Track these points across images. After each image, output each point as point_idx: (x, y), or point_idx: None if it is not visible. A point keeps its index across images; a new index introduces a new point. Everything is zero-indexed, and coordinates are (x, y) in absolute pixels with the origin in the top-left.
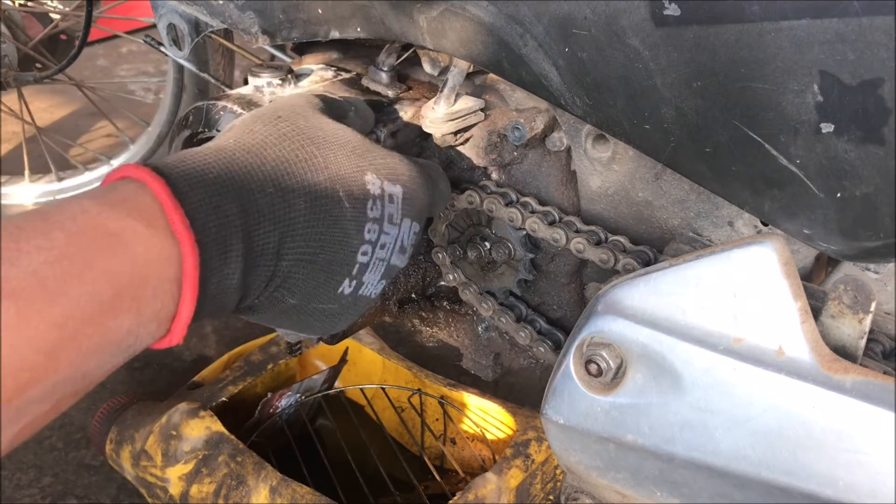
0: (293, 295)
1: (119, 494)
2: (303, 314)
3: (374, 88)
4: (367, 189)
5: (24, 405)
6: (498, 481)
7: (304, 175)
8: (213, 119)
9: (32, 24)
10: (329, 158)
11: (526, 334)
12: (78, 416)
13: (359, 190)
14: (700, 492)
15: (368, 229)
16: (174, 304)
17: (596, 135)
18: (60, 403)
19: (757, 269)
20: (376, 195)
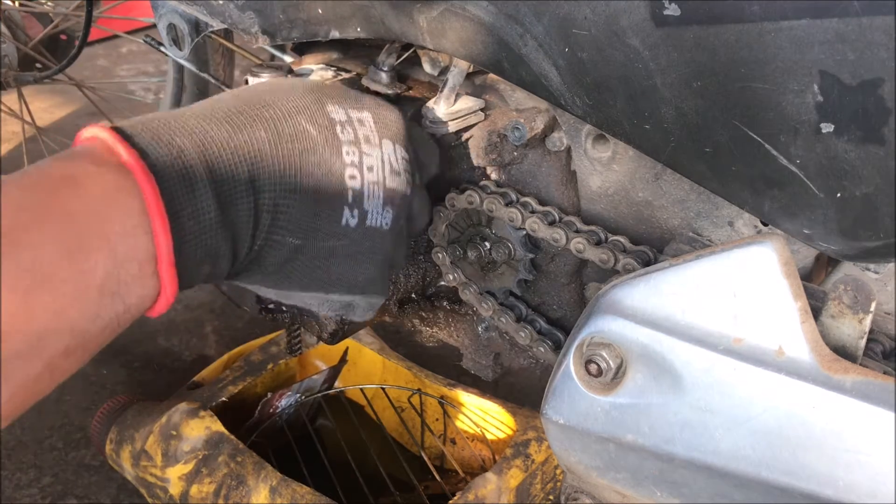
0: (292, 233)
1: (119, 494)
2: (316, 259)
3: (374, 88)
4: (330, 116)
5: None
6: (498, 481)
7: (261, 111)
8: None
9: (32, 24)
10: (287, 94)
11: (526, 334)
12: (78, 416)
13: (322, 117)
14: (700, 492)
15: (346, 151)
16: (149, 239)
17: (596, 135)
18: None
19: (757, 269)
20: (342, 120)
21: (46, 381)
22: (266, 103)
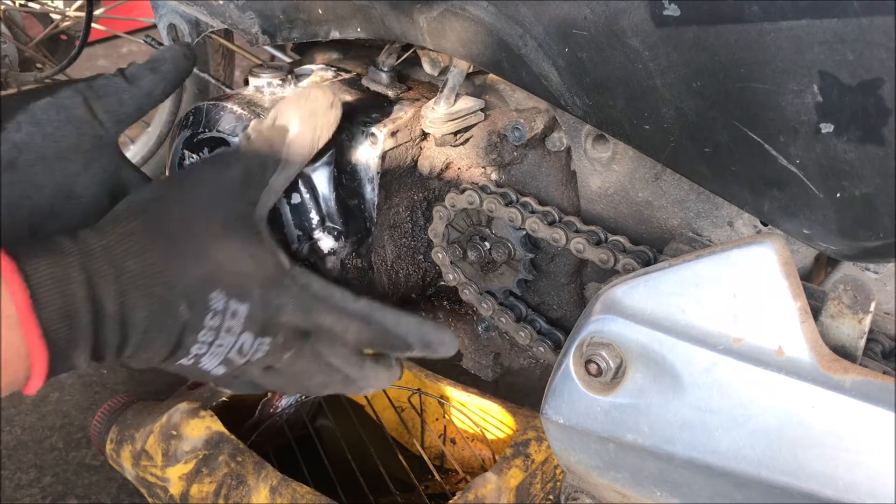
0: (137, 363)
1: (119, 494)
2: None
3: (375, 89)
4: (209, 304)
5: None
6: (498, 481)
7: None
8: (214, 119)
9: (33, 25)
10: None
11: (526, 334)
12: (78, 416)
13: (201, 304)
14: (700, 492)
15: (204, 333)
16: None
17: (596, 135)
18: None
19: (757, 269)
20: (218, 310)
21: None
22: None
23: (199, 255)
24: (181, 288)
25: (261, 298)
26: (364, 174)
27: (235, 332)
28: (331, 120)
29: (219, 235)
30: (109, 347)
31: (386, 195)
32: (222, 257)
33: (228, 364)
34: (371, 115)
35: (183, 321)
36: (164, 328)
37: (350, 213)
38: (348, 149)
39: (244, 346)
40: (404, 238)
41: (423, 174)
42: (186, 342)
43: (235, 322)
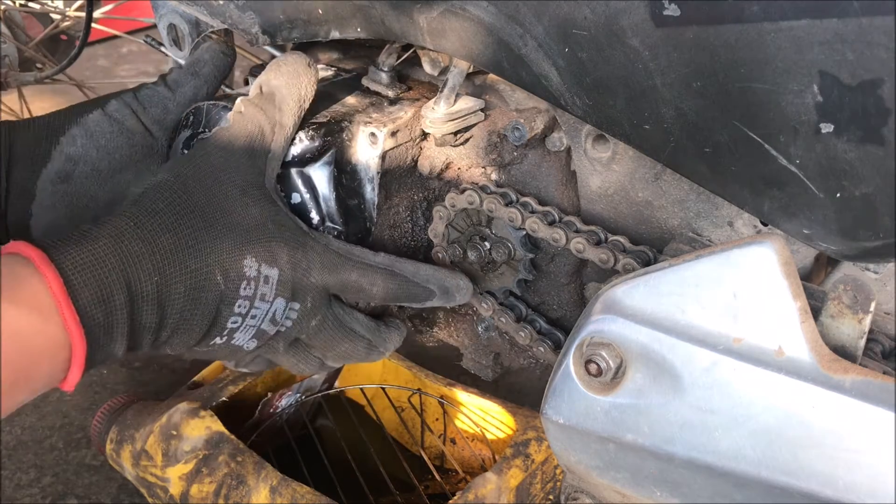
0: (172, 348)
1: (119, 494)
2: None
3: (375, 89)
4: (243, 272)
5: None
6: (498, 481)
7: (188, 261)
8: (214, 119)
9: (33, 25)
10: (214, 244)
11: (526, 334)
12: (78, 416)
13: (235, 272)
14: (700, 492)
15: (239, 304)
16: (64, 375)
17: (596, 135)
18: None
19: (756, 270)
20: (251, 277)
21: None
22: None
23: (226, 225)
24: (214, 258)
25: (289, 261)
26: (364, 174)
27: (269, 299)
28: (312, 79)
29: (240, 204)
30: (147, 330)
31: (386, 195)
32: (248, 224)
33: (261, 336)
34: (371, 114)
35: (219, 293)
36: (201, 303)
37: (350, 212)
38: (348, 149)
39: (276, 312)
40: (404, 238)
41: (423, 174)
42: (223, 316)
43: (268, 288)
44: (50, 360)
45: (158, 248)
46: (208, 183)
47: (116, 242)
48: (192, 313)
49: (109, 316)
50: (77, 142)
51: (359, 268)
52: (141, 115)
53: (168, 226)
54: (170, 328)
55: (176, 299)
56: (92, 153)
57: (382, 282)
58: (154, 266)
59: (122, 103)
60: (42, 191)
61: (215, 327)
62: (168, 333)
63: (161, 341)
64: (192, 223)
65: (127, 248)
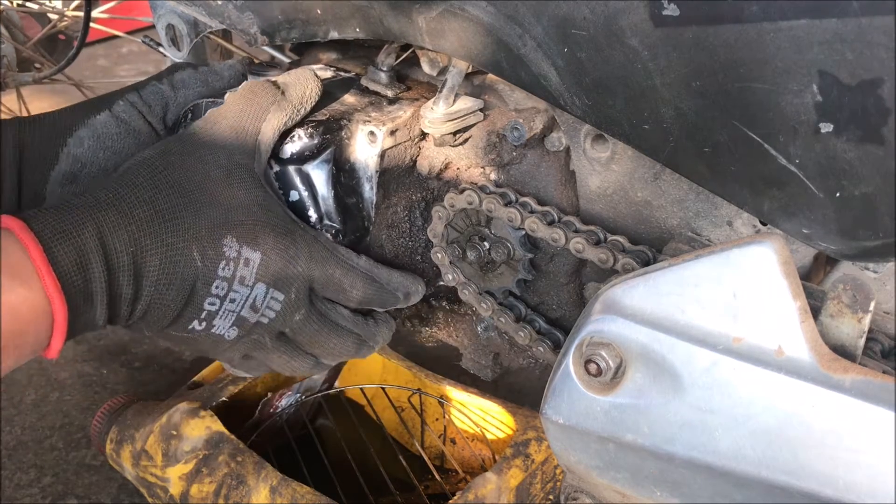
0: (149, 327)
1: (119, 494)
2: (163, 337)
3: (374, 88)
4: (222, 251)
5: None
6: (498, 481)
7: (163, 234)
8: None
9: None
10: (194, 219)
11: (525, 334)
12: (78, 416)
13: (214, 251)
14: (700, 491)
15: (216, 285)
16: (48, 341)
17: (595, 135)
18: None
19: (756, 269)
20: (230, 257)
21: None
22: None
23: (207, 202)
24: (192, 234)
25: (274, 246)
26: (362, 173)
27: (248, 283)
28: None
29: (224, 183)
30: (124, 300)
31: (384, 194)
32: (231, 204)
33: (241, 324)
34: (370, 113)
35: (195, 270)
36: (175, 278)
37: (348, 211)
38: (347, 147)
39: (257, 299)
40: (402, 238)
41: (421, 174)
42: (199, 295)
43: (248, 271)
44: (34, 327)
45: (134, 219)
46: (191, 161)
47: (93, 212)
48: (167, 287)
49: (88, 283)
50: (84, 144)
51: (343, 266)
52: (147, 115)
53: (146, 199)
54: (145, 301)
55: (151, 271)
56: (99, 155)
57: (362, 285)
58: (129, 236)
59: (128, 104)
60: (51, 193)
61: (191, 307)
62: (143, 307)
63: (137, 315)
64: (170, 199)
65: (103, 217)
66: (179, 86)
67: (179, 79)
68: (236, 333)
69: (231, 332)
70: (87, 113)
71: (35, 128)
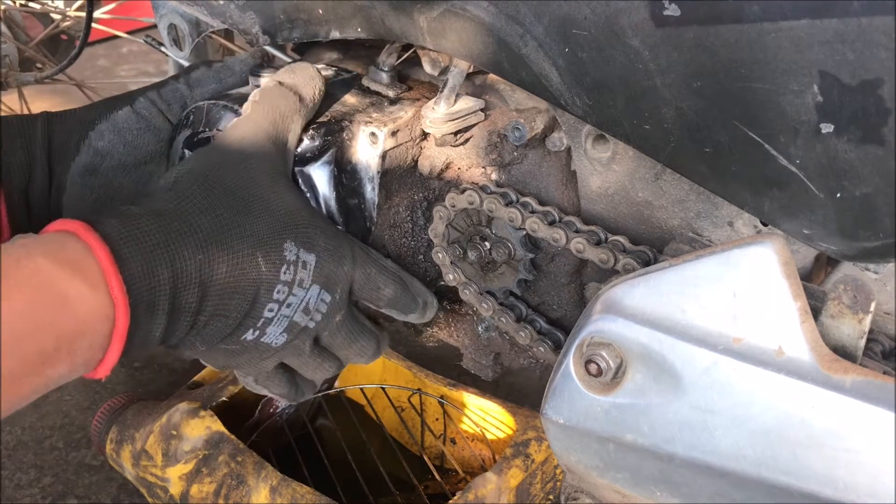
0: (204, 342)
1: (119, 494)
2: (208, 353)
3: (375, 88)
4: (283, 255)
5: None
6: (498, 481)
7: (230, 241)
8: (214, 118)
9: (33, 25)
10: (254, 226)
11: (526, 334)
12: (78, 416)
13: (276, 255)
14: (700, 492)
15: (278, 290)
16: (103, 353)
17: (596, 135)
18: None
19: (757, 270)
20: (291, 261)
21: None
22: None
23: (263, 209)
24: (255, 239)
25: (325, 248)
26: (364, 174)
27: (306, 285)
28: (321, 83)
29: (272, 188)
30: (186, 311)
31: (386, 195)
32: (284, 209)
33: (291, 330)
34: (371, 114)
35: (259, 275)
36: (241, 284)
37: (350, 212)
38: (348, 148)
39: (311, 301)
40: (404, 238)
41: (423, 174)
42: (260, 301)
43: (306, 273)
44: (92, 331)
45: (200, 227)
46: (238, 170)
47: (159, 219)
48: (232, 296)
49: (153, 291)
50: (105, 137)
51: (377, 266)
52: (166, 113)
53: (206, 208)
54: (208, 311)
55: (217, 280)
56: (119, 148)
57: (393, 285)
58: (197, 244)
59: (148, 101)
60: (71, 184)
61: (251, 315)
62: (206, 318)
63: (198, 327)
64: (229, 205)
65: (169, 224)
66: (195, 84)
67: (195, 77)
68: (284, 340)
69: (280, 339)
70: (109, 108)
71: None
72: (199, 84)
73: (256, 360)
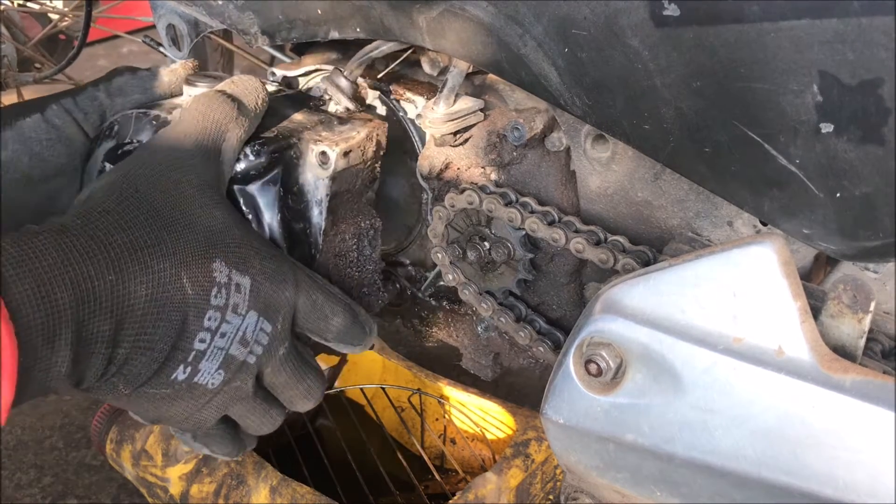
0: (127, 383)
1: (119, 494)
2: (134, 399)
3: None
4: (213, 276)
5: None
6: (498, 481)
7: (149, 261)
8: (141, 129)
9: (32, 25)
10: (178, 243)
11: (525, 334)
12: (78, 416)
13: (204, 276)
14: (700, 491)
15: (209, 316)
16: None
17: (595, 135)
18: None
19: (756, 269)
20: (222, 283)
21: None
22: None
23: (188, 225)
24: (179, 258)
25: (262, 270)
26: (311, 196)
27: (241, 311)
28: (264, 95)
29: (199, 203)
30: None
31: (333, 220)
32: (212, 225)
33: (228, 365)
34: (321, 132)
35: (186, 299)
36: (165, 310)
37: (295, 237)
38: (295, 168)
39: (248, 330)
40: (349, 268)
41: (422, 174)
42: (190, 330)
43: (241, 298)
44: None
45: (111, 245)
46: (161, 181)
47: (60, 237)
48: (155, 323)
49: (51, 317)
50: (9, 146)
51: (324, 292)
52: (82, 123)
53: (122, 224)
54: (128, 343)
55: (135, 304)
56: (24, 160)
57: (342, 313)
58: (108, 263)
59: (62, 109)
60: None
61: (180, 347)
62: (125, 351)
63: (117, 362)
64: (149, 222)
65: (73, 242)
66: (116, 93)
67: (117, 85)
68: (221, 379)
69: (216, 378)
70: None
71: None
72: (122, 93)
73: (193, 409)
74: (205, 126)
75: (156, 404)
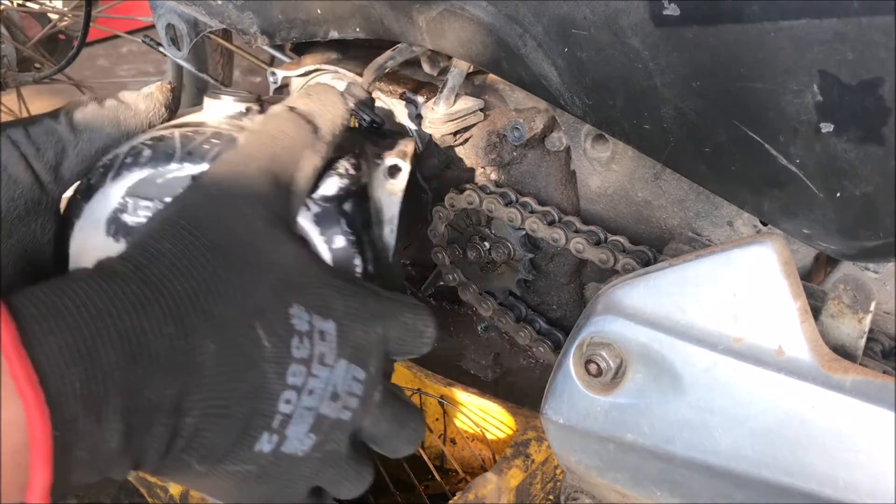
0: (202, 459)
1: (119, 494)
2: (213, 478)
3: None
4: (291, 324)
5: None
6: (498, 481)
7: (215, 309)
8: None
9: (31, 24)
10: (247, 288)
11: (526, 334)
12: None
13: (282, 325)
14: (700, 491)
15: (293, 372)
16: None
17: (595, 135)
18: None
19: (756, 269)
20: (303, 331)
21: None
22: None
23: (260, 266)
24: (251, 306)
25: (346, 311)
26: (383, 215)
27: (329, 362)
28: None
29: (270, 240)
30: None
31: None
32: (286, 263)
33: (319, 427)
34: (378, 142)
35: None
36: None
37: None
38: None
39: (338, 384)
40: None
41: (423, 173)
42: (271, 391)
43: (327, 347)
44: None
45: (169, 292)
46: (226, 215)
47: (105, 282)
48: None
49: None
50: None
51: (409, 306)
52: (32, 160)
53: (181, 269)
54: (197, 409)
55: (202, 362)
56: None
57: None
58: (164, 313)
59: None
60: None
61: (261, 413)
62: (195, 420)
63: (186, 434)
64: (212, 263)
65: (121, 288)
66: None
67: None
68: (311, 443)
69: (306, 443)
70: None
71: None
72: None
73: (284, 482)
74: (273, 152)
75: (239, 485)
